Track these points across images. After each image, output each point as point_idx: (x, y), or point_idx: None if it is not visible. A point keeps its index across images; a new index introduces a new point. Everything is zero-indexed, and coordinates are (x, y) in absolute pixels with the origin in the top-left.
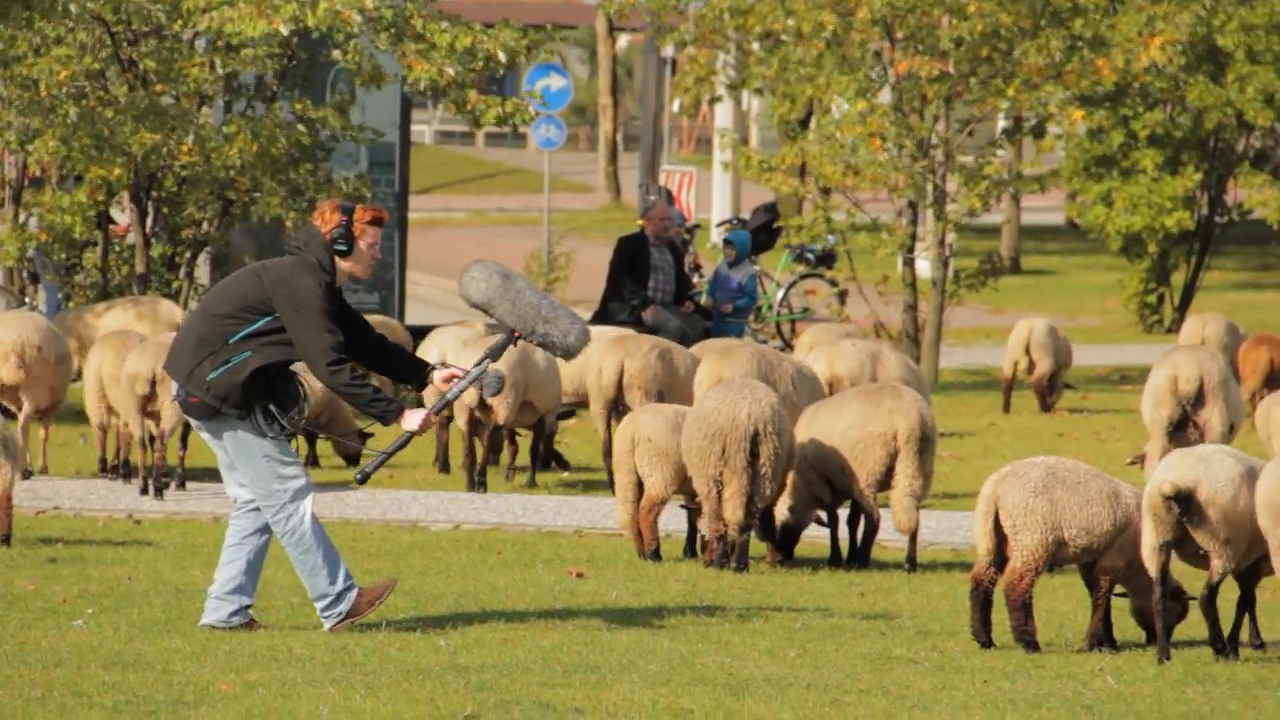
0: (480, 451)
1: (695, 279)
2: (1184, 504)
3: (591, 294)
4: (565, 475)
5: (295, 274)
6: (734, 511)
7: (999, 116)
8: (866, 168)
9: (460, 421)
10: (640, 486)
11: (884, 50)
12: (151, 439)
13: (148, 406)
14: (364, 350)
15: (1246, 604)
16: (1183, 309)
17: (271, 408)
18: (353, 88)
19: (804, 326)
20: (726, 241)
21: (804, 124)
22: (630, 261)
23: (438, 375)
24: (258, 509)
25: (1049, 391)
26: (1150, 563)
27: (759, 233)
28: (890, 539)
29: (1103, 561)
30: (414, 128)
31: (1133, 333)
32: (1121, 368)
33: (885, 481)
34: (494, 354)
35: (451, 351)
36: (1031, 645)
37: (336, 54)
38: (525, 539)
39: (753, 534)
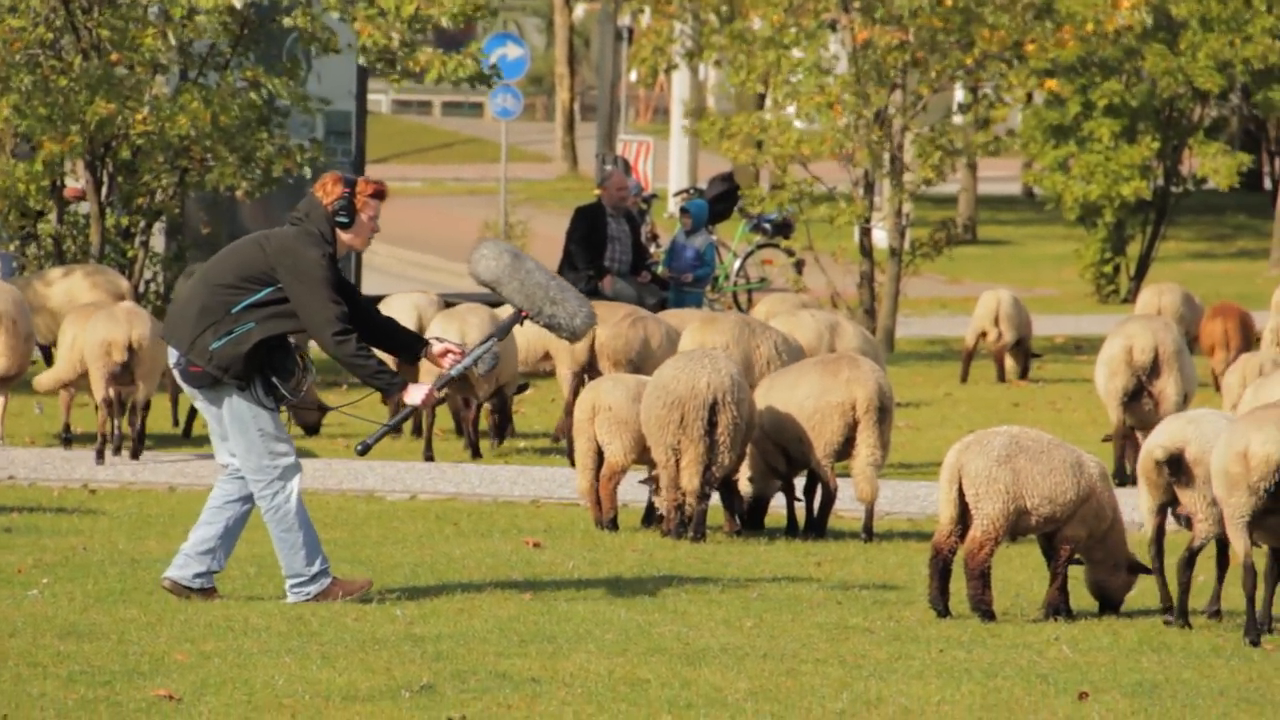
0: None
1: (652, 249)
2: (1174, 466)
3: (548, 264)
4: (522, 444)
5: (299, 244)
6: (691, 480)
7: (956, 87)
8: (826, 133)
9: None
10: (600, 455)
11: (841, 20)
12: (122, 406)
13: (117, 372)
14: (359, 323)
15: (1221, 570)
16: (1138, 279)
17: (274, 379)
18: (307, 54)
19: (761, 296)
20: (683, 210)
21: (760, 102)
22: (587, 231)
23: (434, 349)
24: (242, 477)
25: (1018, 362)
26: (1147, 524)
27: (716, 202)
28: (847, 509)
29: (1064, 531)
30: (370, 97)
31: (1089, 303)
32: (1077, 338)
33: (842, 451)
34: (501, 333)
35: (406, 320)
36: (988, 615)
37: (289, 20)
38: (482, 509)
39: (710, 503)
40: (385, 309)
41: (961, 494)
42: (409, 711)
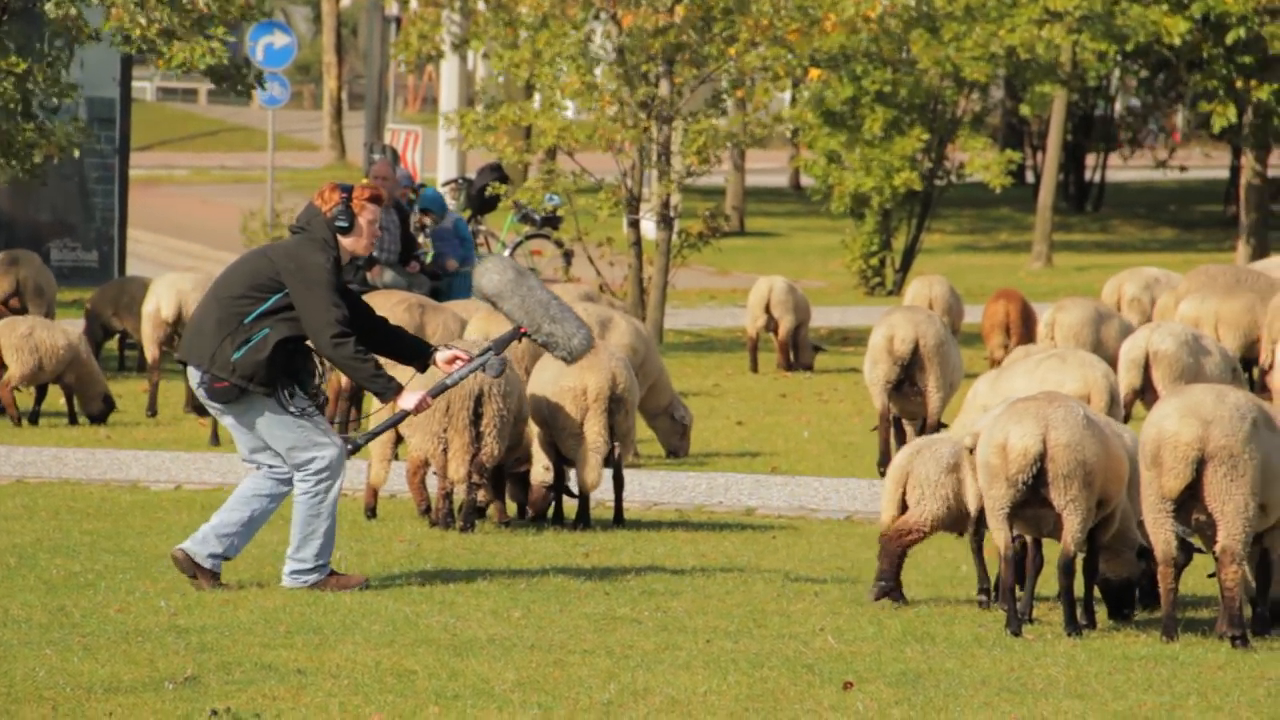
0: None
1: (421, 239)
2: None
3: None
4: None
5: (303, 250)
6: (458, 469)
7: (723, 78)
8: (589, 124)
9: None
10: (394, 446)
11: (608, 7)
12: None
13: None
14: (367, 331)
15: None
16: (904, 271)
17: (293, 384)
18: (70, 43)
19: None
20: (423, 210)
21: (528, 93)
22: None
23: (440, 357)
24: (276, 478)
25: (796, 349)
26: (972, 508)
27: (484, 192)
28: (611, 498)
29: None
30: (135, 84)
31: (856, 295)
32: (844, 329)
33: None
34: (499, 346)
35: (166, 301)
36: (885, 592)
37: (49, 7)
38: None
39: (478, 494)
40: (155, 289)
41: (904, 495)
42: (172, 703)
